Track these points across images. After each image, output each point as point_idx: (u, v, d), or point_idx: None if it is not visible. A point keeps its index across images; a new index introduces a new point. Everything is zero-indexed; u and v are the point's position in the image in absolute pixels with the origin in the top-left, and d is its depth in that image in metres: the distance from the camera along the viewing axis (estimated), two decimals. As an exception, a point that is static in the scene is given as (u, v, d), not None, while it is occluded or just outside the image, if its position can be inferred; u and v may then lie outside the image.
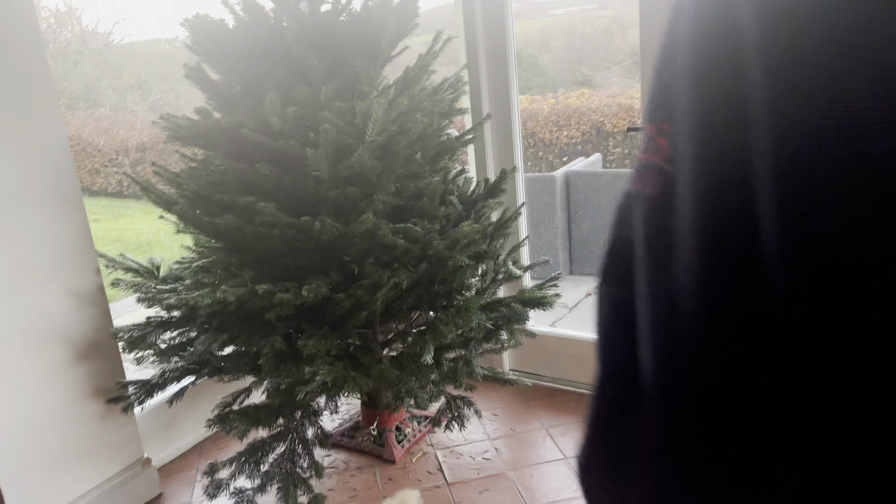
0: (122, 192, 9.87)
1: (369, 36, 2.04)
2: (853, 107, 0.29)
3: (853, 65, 0.30)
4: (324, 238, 2.00)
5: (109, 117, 10.71)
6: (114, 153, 9.81)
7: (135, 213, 9.26)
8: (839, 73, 0.30)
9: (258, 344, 2.02)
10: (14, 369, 2.01)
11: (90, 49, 12.70)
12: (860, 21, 0.29)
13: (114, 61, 12.39)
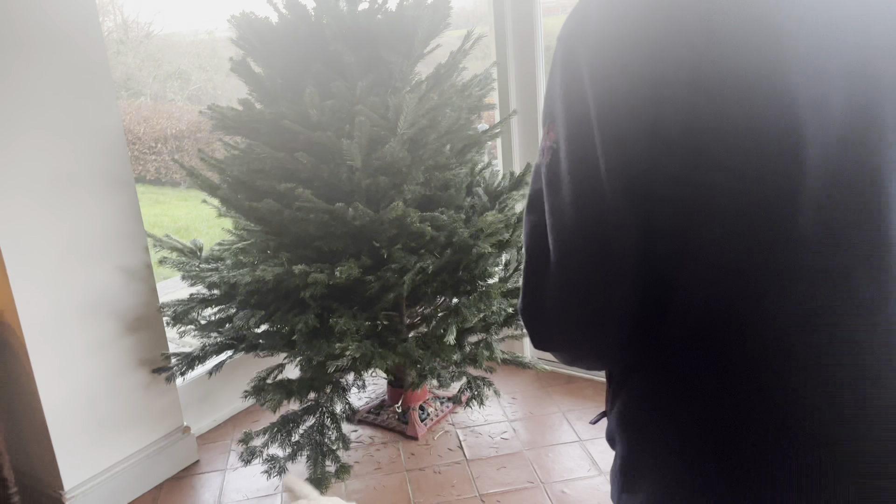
0: (159, 179, 10.14)
1: (403, 34, 2.16)
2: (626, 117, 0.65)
3: (629, 95, 0.64)
4: (356, 224, 2.13)
5: (150, 106, 10.98)
6: (153, 141, 10.09)
7: (171, 200, 9.52)
8: (624, 99, 0.65)
9: (293, 321, 2.17)
10: (70, 339, 2.18)
11: (131, 38, 13.02)
12: (633, 70, 0.64)
13: (154, 51, 12.68)
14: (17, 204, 2.01)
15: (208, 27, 12.83)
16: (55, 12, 2.04)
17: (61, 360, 2.16)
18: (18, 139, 2.00)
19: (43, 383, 2.12)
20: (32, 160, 2.03)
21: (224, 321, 2.35)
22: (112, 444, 2.33)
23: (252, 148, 2.23)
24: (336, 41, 2.11)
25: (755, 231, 0.64)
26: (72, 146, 2.12)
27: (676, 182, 0.64)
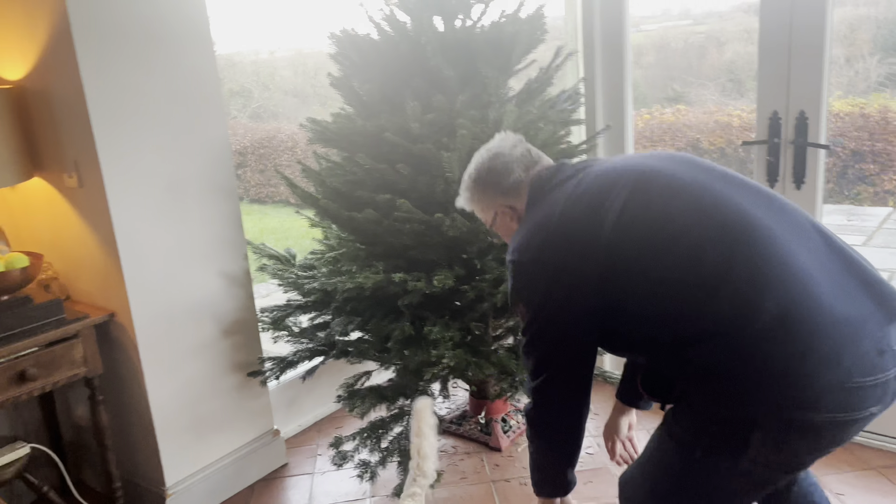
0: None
1: (501, 49, 2.22)
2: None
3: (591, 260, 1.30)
4: (450, 234, 2.18)
5: (215, 123, 11.29)
6: (218, 157, 10.38)
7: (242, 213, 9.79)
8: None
9: (388, 328, 2.22)
10: (177, 340, 2.28)
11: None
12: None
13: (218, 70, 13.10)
14: (136, 210, 2.13)
15: (270, 47, 13.14)
16: (176, 32, 2.16)
17: (168, 360, 2.26)
18: (141, 149, 2.12)
19: (151, 382, 2.22)
20: (151, 169, 2.15)
21: (319, 327, 2.42)
22: (209, 444, 2.42)
23: (350, 160, 2.32)
24: (436, 56, 2.17)
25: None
26: (185, 156, 2.24)
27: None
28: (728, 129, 6.44)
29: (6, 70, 2.19)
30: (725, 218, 1.25)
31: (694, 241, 1.24)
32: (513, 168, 1.50)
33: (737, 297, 1.19)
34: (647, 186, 1.31)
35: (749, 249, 1.21)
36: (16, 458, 2.16)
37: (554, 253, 1.33)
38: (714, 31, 12.10)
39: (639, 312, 1.29)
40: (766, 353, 1.17)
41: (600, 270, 1.28)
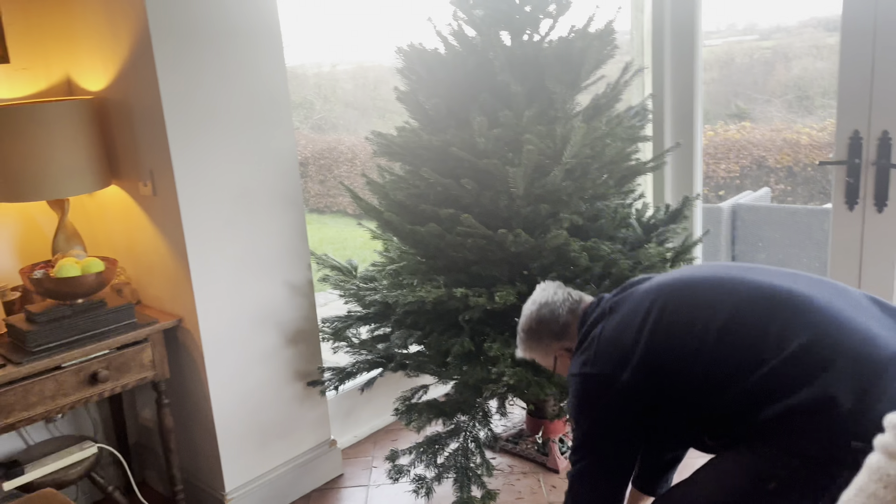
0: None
1: (569, 64, 2.18)
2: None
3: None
4: (512, 250, 2.15)
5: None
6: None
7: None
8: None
9: (447, 343, 2.21)
10: (241, 347, 2.31)
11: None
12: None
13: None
14: (206, 218, 2.18)
15: (332, 61, 13.38)
16: (250, 44, 2.21)
17: (231, 367, 2.30)
18: (213, 158, 2.16)
19: (214, 387, 2.26)
20: (222, 178, 2.19)
21: (379, 339, 2.42)
22: (268, 451, 2.44)
23: (414, 173, 2.32)
24: (503, 72, 2.16)
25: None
26: (254, 166, 2.27)
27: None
28: (796, 147, 6.23)
29: (89, 81, 2.27)
30: (759, 292, 1.39)
31: (742, 317, 1.37)
32: (559, 313, 1.66)
33: (792, 360, 1.28)
34: (678, 292, 1.48)
35: (789, 309, 1.33)
36: (84, 457, 2.22)
37: (596, 365, 1.50)
38: (781, 47, 11.78)
39: (694, 402, 1.42)
40: (837, 394, 1.20)
41: (643, 372, 1.44)
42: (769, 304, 1.35)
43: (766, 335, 1.30)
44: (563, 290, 1.71)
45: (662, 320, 1.43)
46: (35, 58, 2.28)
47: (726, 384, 1.33)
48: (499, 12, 2.24)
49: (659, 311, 1.45)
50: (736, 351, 1.33)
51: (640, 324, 1.45)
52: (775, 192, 6.38)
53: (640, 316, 1.47)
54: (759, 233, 4.01)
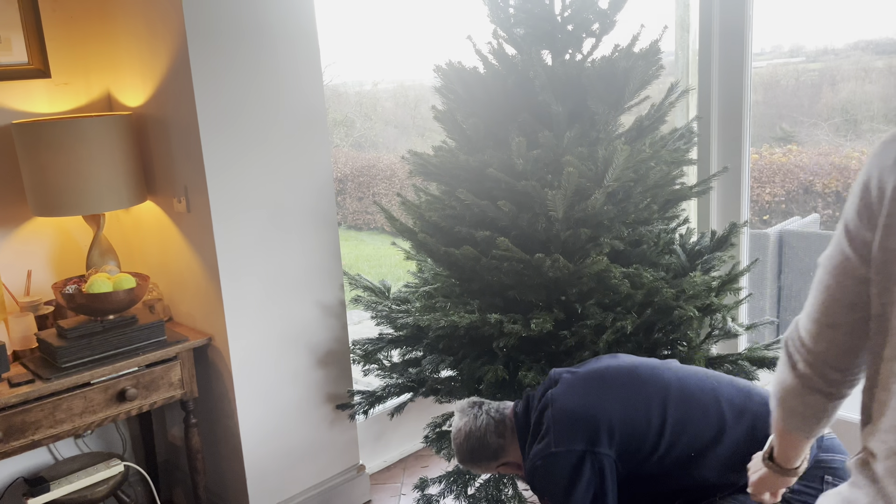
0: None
1: (613, 85, 2.10)
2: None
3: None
4: (550, 275, 2.06)
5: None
6: (319, 184, 10.66)
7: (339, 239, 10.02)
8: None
9: (480, 370, 2.12)
10: (270, 368, 2.26)
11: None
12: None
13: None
14: (239, 236, 2.14)
15: (374, 79, 13.50)
16: (287, 61, 2.18)
17: (260, 387, 2.24)
18: (248, 176, 2.13)
19: (242, 407, 2.21)
20: (256, 196, 2.16)
21: (410, 363, 2.35)
22: (296, 475, 2.37)
23: (450, 194, 2.25)
24: (544, 91, 2.08)
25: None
26: (289, 185, 2.23)
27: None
28: (845, 172, 5.99)
29: (128, 97, 2.26)
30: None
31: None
32: (487, 441, 1.69)
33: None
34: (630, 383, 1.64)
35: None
36: (110, 475, 2.18)
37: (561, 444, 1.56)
38: (828, 69, 11.48)
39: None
40: None
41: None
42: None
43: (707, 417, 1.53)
44: (483, 414, 1.73)
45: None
46: (76, 73, 2.28)
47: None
48: (540, 31, 2.17)
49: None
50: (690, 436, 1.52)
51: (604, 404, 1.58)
52: (823, 217, 6.16)
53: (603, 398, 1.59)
54: (810, 261, 3.83)
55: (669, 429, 1.51)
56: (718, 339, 2.32)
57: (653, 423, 1.52)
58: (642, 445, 1.52)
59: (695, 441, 1.52)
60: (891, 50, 5.58)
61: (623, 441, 1.52)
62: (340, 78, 12.41)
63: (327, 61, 13.76)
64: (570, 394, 1.60)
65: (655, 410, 1.53)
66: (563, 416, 1.56)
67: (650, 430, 1.52)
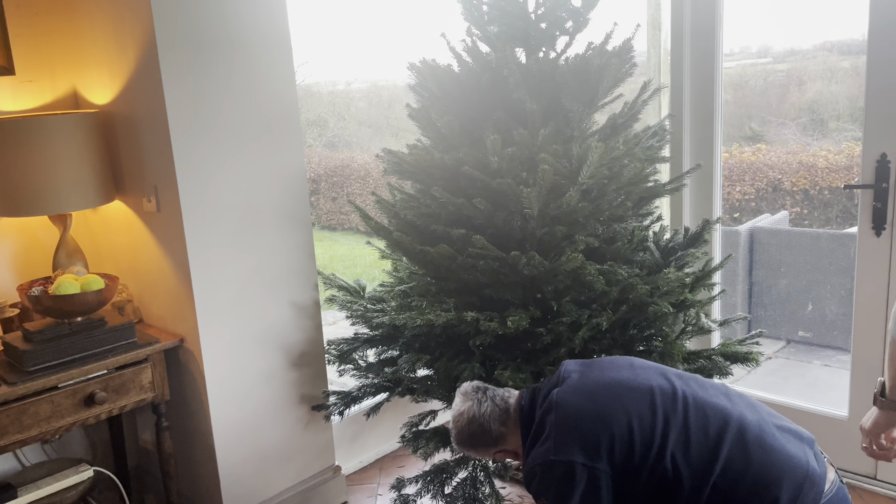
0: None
1: (587, 82, 2.09)
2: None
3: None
4: (525, 273, 2.06)
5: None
6: (292, 184, 10.58)
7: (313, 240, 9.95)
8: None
9: (457, 368, 2.11)
10: (243, 369, 2.23)
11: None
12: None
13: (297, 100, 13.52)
14: (210, 236, 2.10)
15: (347, 79, 13.43)
16: (259, 61, 2.14)
17: (234, 390, 2.21)
18: (219, 175, 2.09)
19: (215, 410, 2.17)
20: (228, 196, 2.12)
21: (385, 363, 2.33)
22: (271, 477, 2.34)
23: (425, 192, 2.23)
24: (519, 89, 2.08)
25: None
26: (261, 184, 2.20)
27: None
28: (813, 170, 6.10)
29: (95, 94, 2.21)
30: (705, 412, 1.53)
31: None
32: (489, 427, 1.66)
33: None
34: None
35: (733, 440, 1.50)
36: (79, 481, 2.13)
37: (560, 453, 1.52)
38: (795, 70, 11.69)
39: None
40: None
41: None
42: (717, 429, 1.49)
43: (716, 457, 1.46)
44: (487, 400, 1.70)
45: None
46: (41, 70, 2.23)
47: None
48: (514, 28, 2.17)
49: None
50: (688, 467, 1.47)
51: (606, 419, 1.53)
52: (792, 214, 6.26)
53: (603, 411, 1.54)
54: (780, 257, 3.89)
55: (670, 451, 1.46)
56: (692, 335, 2.34)
57: (654, 444, 1.47)
58: (640, 466, 1.48)
59: (691, 470, 1.46)
60: (856, 50, 5.69)
61: (623, 456, 1.48)
62: (313, 77, 12.28)
63: (300, 60, 13.56)
64: (576, 400, 1.55)
65: (659, 430, 1.48)
66: (564, 424, 1.52)
67: (650, 453, 1.47)
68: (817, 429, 2.55)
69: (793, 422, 1.59)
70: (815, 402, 2.65)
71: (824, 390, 3.65)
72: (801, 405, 2.63)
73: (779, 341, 4.13)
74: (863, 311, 2.39)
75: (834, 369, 3.84)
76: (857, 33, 5.52)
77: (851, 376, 2.47)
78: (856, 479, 2.49)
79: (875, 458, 1.65)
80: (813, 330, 4.05)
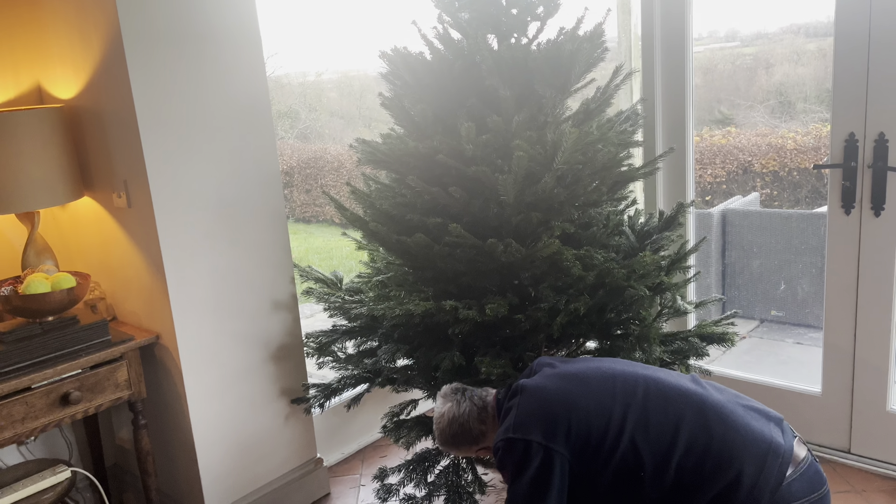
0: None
1: (559, 68, 2.08)
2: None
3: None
4: (503, 260, 2.06)
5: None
6: (265, 176, 10.48)
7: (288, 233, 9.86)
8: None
9: (437, 357, 2.11)
10: (221, 364, 2.20)
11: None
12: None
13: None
14: (183, 231, 2.07)
15: (317, 70, 13.32)
16: (228, 52, 2.11)
17: (212, 385, 2.19)
18: (190, 169, 2.06)
19: (194, 406, 2.15)
20: (200, 190, 2.09)
21: (365, 354, 2.32)
22: (252, 471, 2.33)
23: (400, 182, 2.22)
24: (492, 76, 2.07)
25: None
26: (234, 178, 2.17)
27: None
28: (782, 151, 6.19)
29: (59, 89, 2.16)
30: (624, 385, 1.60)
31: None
32: (470, 426, 1.73)
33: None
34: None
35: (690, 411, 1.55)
36: (56, 482, 2.10)
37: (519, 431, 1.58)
38: (762, 53, 11.82)
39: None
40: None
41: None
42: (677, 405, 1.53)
43: (676, 436, 1.49)
44: (466, 400, 1.76)
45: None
46: (2, 65, 2.17)
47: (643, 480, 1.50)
48: (485, 15, 2.16)
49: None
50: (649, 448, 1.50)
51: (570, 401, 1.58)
52: (762, 196, 6.35)
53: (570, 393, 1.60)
54: (752, 238, 3.95)
55: (628, 433, 1.50)
56: (668, 317, 2.36)
57: (612, 427, 1.51)
58: (599, 448, 1.51)
59: (652, 451, 1.49)
60: (822, 33, 5.76)
61: (580, 440, 1.52)
62: (283, 69, 12.14)
63: (269, 52, 13.36)
64: (541, 385, 1.62)
65: (617, 413, 1.52)
66: (527, 406, 1.59)
67: (608, 435, 1.51)
68: (792, 405, 2.60)
69: (763, 404, 1.62)
70: (789, 379, 2.70)
71: (797, 367, 3.72)
72: (776, 383, 2.68)
73: (752, 321, 4.20)
74: (834, 288, 2.43)
75: (806, 347, 3.91)
76: (822, 16, 5.59)
77: (824, 353, 2.52)
78: (830, 453, 2.55)
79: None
80: (785, 309, 4.12)
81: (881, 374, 2.39)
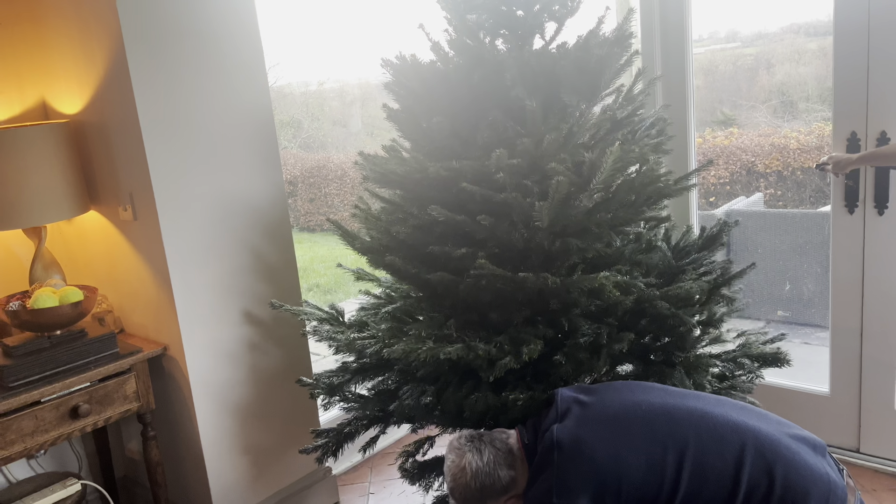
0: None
1: (588, 74, 1.87)
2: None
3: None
4: (531, 288, 1.80)
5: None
6: (269, 186, 10.50)
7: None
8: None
9: (466, 399, 1.85)
10: (228, 374, 2.13)
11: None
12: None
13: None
14: (189, 243, 2.02)
15: (319, 79, 13.38)
16: (231, 65, 2.07)
17: (220, 395, 2.15)
18: (195, 182, 1.98)
19: (202, 416, 2.10)
20: (205, 201, 2.00)
21: (384, 395, 2.06)
22: (261, 481, 2.29)
23: (409, 200, 1.96)
24: (517, 85, 1.83)
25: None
26: (239, 189, 2.11)
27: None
28: (785, 151, 6.18)
29: (64, 104, 2.17)
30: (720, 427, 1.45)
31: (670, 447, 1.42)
32: (498, 475, 1.51)
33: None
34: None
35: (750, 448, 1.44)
36: (67, 495, 2.07)
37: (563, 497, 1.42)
38: (763, 53, 11.81)
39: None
40: None
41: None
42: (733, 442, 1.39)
43: (737, 484, 1.35)
44: (486, 446, 1.54)
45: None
46: (7, 81, 2.15)
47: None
48: (498, 15, 1.93)
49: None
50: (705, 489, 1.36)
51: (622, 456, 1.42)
52: (766, 196, 6.34)
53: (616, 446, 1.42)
54: (757, 239, 3.93)
55: (683, 487, 1.36)
56: (709, 342, 2.10)
57: (666, 483, 1.35)
58: (655, 501, 1.36)
59: (710, 501, 1.36)
60: (822, 32, 5.76)
61: (630, 501, 1.36)
62: (285, 79, 12.18)
63: (271, 62, 13.43)
64: (580, 438, 1.42)
65: (671, 466, 1.36)
66: (569, 466, 1.39)
67: (662, 491, 1.36)
68: (800, 406, 2.58)
69: (803, 429, 1.48)
70: (797, 379, 2.67)
71: (805, 368, 3.69)
72: (784, 383, 2.65)
73: (758, 322, 4.18)
74: (839, 287, 2.39)
75: (814, 346, 3.87)
76: (822, 14, 5.57)
77: (831, 353, 2.46)
78: (839, 452, 2.52)
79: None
80: (791, 309, 4.09)
81: (889, 373, 2.36)
